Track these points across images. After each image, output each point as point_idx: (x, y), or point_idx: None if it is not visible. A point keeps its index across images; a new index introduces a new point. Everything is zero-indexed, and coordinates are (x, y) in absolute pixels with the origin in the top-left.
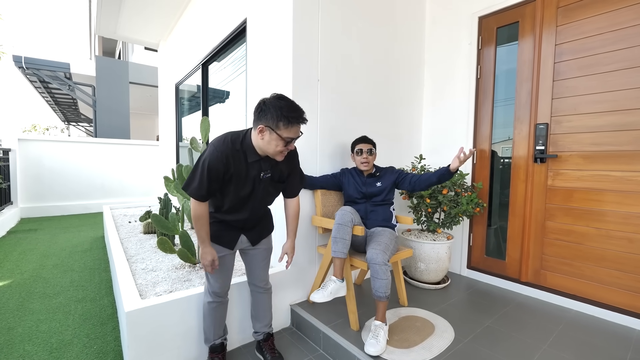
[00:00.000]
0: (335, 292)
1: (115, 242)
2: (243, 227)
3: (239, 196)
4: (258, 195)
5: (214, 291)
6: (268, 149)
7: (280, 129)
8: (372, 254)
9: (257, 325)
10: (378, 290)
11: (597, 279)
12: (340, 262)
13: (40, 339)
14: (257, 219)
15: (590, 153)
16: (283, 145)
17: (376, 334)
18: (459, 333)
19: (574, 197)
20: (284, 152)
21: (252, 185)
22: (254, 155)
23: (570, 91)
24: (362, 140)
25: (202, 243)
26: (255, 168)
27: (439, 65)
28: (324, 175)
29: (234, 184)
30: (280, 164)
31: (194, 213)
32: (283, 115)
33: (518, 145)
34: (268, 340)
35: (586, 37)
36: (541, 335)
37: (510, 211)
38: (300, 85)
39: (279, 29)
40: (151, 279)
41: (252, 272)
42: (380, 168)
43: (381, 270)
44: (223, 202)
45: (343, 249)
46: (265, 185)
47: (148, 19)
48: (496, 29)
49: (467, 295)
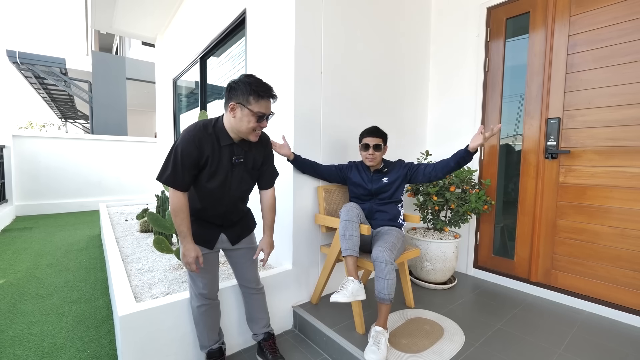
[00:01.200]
0: (356, 293)
1: (110, 241)
2: (222, 223)
3: (214, 184)
4: (234, 183)
5: (200, 293)
6: (241, 127)
7: (251, 104)
8: (378, 252)
9: (254, 327)
10: (381, 292)
11: (611, 280)
12: (353, 260)
13: (32, 343)
14: (236, 214)
15: (605, 149)
16: (255, 121)
17: (377, 340)
18: (470, 336)
19: (588, 195)
20: (257, 130)
21: (226, 171)
22: (227, 139)
23: (585, 84)
24: (370, 132)
25: (184, 239)
26: (227, 152)
27: (445, 58)
28: (329, 166)
29: (208, 170)
30: (253, 150)
31: (172, 206)
32: (252, 90)
33: (528, 140)
34: (269, 340)
35: (602, 27)
36: (555, 339)
37: (520, 209)
38: (303, 78)
39: (280, 20)
40: (147, 280)
41: (239, 274)
42: (388, 163)
43: (387, 269)
44: (199, 193)
45: (354, 247)
46: (240, 172)
47: (144, 12)
48: (505, 20)
49: (475, 296)
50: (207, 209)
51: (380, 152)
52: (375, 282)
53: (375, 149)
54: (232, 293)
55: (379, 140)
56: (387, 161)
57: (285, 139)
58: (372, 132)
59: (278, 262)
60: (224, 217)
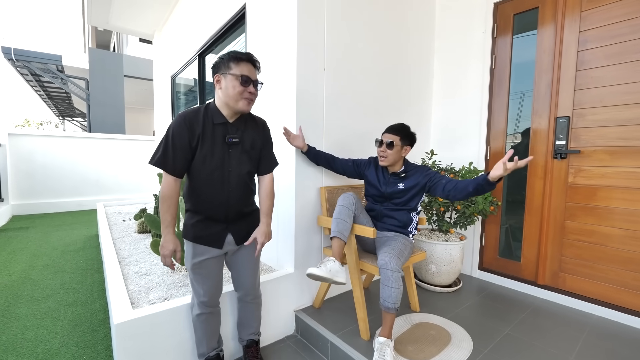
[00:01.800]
0: (334, 273)
1: (107, 242)
2: (226, 216)
3: (211, 165)
4: (232, 164)
5: (201, 301)
6: (228, 96)
7: (232, 69)
8: (385, 258)
9: (242, 333)
10: (387, 300)
11: (622, 283)
12: (339, 244)
13: (25, 349)
14: (241, 204)
15: (617, 148)
16: (239, 84)
17: (382, 352)
18: (478, 342)
19: (598, 196)
20: (245, 95)
21: (222, 151)
22: (220, 118)
23: (595, 82)
24: (388, 129)
25: (166, 229)
26: (220, 130)
27: (450, 55)
28: (346, 160)
29: (201, 151)
30: (249, 129)
31: (161, 192)
32: (230, 56)
33: (536, 139)
34: (252, 347)
35: (614, 23)
36: (566, 344)
37: (527, 209)
38: (305, 75)
39: (281, 15)
40: (145, 284)
41: (239, 280)
42: (411, 167)
43: (393, 277)
44: (199, 181)
45: (343, 231)
46: (237, 152)
47: (142, 8)
48: (513, 16)
49: (481, 299)
50: (210, 198)
51: (393, 150)
52: (381, 290)
53: (388, 147)
54: (228, 298)
55: (394, 137)
56: (409, 165)
57: (302, 129)
58: (391, 127)
59: (280, 265)
60: (227, 208)
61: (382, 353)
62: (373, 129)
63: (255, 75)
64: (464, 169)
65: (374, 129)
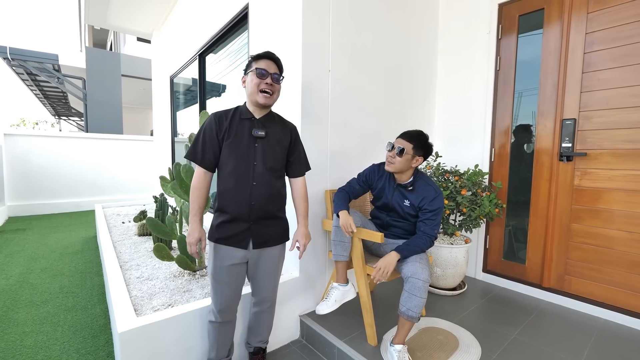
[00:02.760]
0: (340, 299)
1: (107, 246)
2: (249, 215)
3: (237, 155)
4: (257, 156)
5: (218, 310)
6: (249, 91)
7: (252, 66)
8: (416, 268)
9: (251, 338)
10: (411, 309)
11: (629, 286)
12: (342, 265)
13: (25, 356)
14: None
15: (624, 151)
16: (257, 77)
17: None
18: (486, 347)
19: (604, 199)
20: (262, 86)
21: (247, 143)
22: (247, 114)
23: (602, 84)
24: (405, 134)
25: (193, 217)
26: (247, 124)
27: (454, 56)
28: (356, 189)
29: (228, 142)
30: (275, 125)
31: (193, 182)
32: (252, 57)
33: (541, 141)
34: (258, 354)
35: (621, 24)
36: (574, 349)
37: (532, 212)
38: (310, 76)
39: (286, 15)
40: (147, 290)
41: (259, 287)
42: (420, 179)
43: (424, 287)
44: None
45: (343, 252)
46: (263, 146)
47: (140, 7)
48: (518, 17)
49: (486, 302)
50: (234, 191)
51: (402, 158)
52: (407, 299)
53: (398, 154)
54: (244, 302)
55: (406, 144)
56: (419, 177)
57: None
58: (407, 134)
59: (285, 270)
60: (251, 204)
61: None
62: (377, 129)
63: (274, 69)
64: (469, 171)
65: (378, 129)
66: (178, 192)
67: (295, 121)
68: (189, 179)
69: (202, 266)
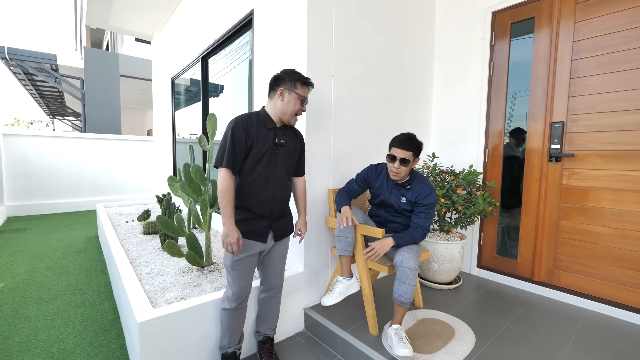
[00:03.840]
0: (345, 292)
1: (115, 243)
2: (270, 213)
3: (262, 163)
4: (279, 162)
5: (234, 297)
6: (287, 109)
7: (298, 89)
8: (404, 257)
9: (260, 326)
10: (403, 296)
11: (613, 279)
12: (347, 260)
13: (40, 349)
14: (282, 201)
15: (608, 152)
16: (300, 104)
17: (401, 336)
18: (480, 336)
19: (590, 197)
20: (299, 113)
21: (271, 151)
22: (271, 123)
23: (588, 89)
24: (401, 142)
25: (228, 219)
26: (272, 133)
27: (449, 61)
28: (354, 189)
29: (255, 150)
30: (290, 134)
31: (220, 187)
32: (298, 77)
33: (532, 143)
34: (267, 343)
35: (606, 34)
36: (561, 337)
37: (523, 210)
38: (315, 81)
39: (291, 22)
40: (159, 285)
41: (268, 275)
42: (415, 177)
43: (412, 275)
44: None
45: (347, 247)
46: (282, 153)
47: (142, 9)
48: (510, 25)
49: (481, 296)
50: (258, 193)
51: (407, 167)
52: (398, 286)
53: (402, 163)
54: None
55: (408, 154)
56: (413, 174)
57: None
58: (403, 142)
59: (289, 265)
60: (272, 204)
61: (401, 337)
62: (376, 131)
63: (308, 95)
64: (464, 171)
65: (377, 131)
66: (187, 191)
67: (301, 126)
68: (198, 178)
69: (210, 262)
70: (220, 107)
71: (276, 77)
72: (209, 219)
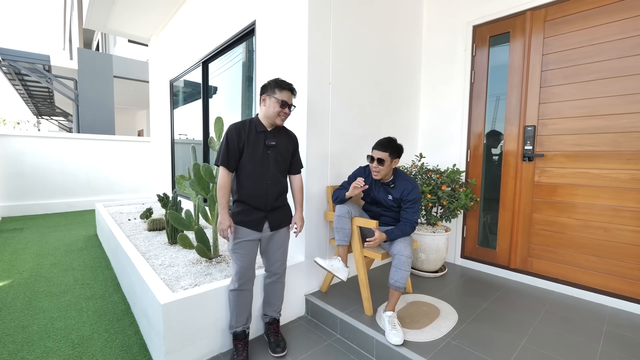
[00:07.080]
0: (336, 270)
1: (123, 239)
2: (265, 206)
3: (254, 162)
4: (270, 162)
5: (237, 277)
6: (269, 112)
7: (276, 93)
8: (401, 247)
9: (267, 309)
10: (399, 281)
11: (576, 264)
12: (344, 249)
13: (59, 336)
14: (276, 196)
15: (572, 153)
16: (279, 106)
17: (393, 324)
18: (462, 315)
19: (558, 192)
20: (281, 114)
21: (262, 152)
22: (261, 127)
23: (556, 97)
24: (378, 145)
25: (222, 210)
26: (262, 136)
27: (435, 70)
28: (343, 185)
29: (247, 151)
30: (282, 138)
31: (219, 182)
32: (277, 83)
33: (508, 145)
34: (273, 324)
35: (569, 49)
36: (532, 314)
37: (501, 205)
38: (314, 89)
39: (292, 34)
40: (173, 274)
41: (270, 261)
42: (399, 176)
43: (407, 262)
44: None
45: (345, 238)
46: (274, 153)
47: (141, 13)
48: (489, 38)
49: (464, 282)
50: (253, 189)
51: (384, 166)
52: (394, 273)
53: (379, 163)
54: (259, 282)
55: (383, 154)
56: (398, 174)
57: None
58: (380, 144)
59: (291, 255)
60: (266, 198)
61: (393, 324)
62: (369, 133)
63: (292, 100)
64: (449, 170)
65: (370, 133)
66: (196, 189)
67: (301, 130)
68: (207, 176)
69: (217, 254)
70: (220, 107)
71: (262, 86)
72: (216, 214)
